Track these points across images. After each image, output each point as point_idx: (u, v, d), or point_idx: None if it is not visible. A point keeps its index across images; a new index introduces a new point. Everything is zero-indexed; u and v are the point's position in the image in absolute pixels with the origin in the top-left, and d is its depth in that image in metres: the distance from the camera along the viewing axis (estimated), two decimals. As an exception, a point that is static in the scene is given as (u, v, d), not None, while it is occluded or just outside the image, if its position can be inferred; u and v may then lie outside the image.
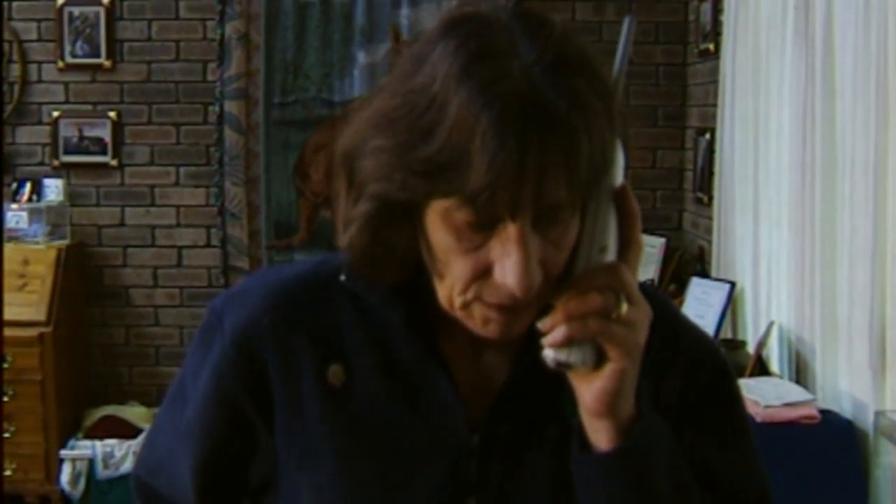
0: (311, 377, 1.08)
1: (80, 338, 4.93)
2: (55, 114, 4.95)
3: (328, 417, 1.08)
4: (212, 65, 4.96)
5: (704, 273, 4.42)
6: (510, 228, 0.92)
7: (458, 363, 1.08)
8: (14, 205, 4.79)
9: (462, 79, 0.89)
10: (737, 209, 4.14)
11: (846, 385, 3.18)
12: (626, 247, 0.99)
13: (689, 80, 4.97)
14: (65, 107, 4.94)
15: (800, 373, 3.51)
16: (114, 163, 4.99)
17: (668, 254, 4.74)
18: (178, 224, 5.05)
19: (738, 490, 1.12)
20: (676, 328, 1.14)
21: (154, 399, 5.03)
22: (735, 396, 1.17)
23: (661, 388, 1.08)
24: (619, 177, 0.99)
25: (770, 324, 3.68)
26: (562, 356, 0.95)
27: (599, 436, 0.99)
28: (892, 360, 2.84)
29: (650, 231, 4.60)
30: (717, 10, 4.44)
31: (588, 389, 0.97)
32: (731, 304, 4.02)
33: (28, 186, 4.89)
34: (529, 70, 0.90)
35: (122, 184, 5.02)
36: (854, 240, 3.06)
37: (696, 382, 1.12)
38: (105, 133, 4.96)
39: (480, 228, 0.94)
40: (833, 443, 3.01)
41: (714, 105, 4.44)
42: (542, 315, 0.97)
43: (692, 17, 4.92)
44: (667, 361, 1.09)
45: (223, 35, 4.93)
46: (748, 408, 1.32)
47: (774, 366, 3.58)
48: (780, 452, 2.37)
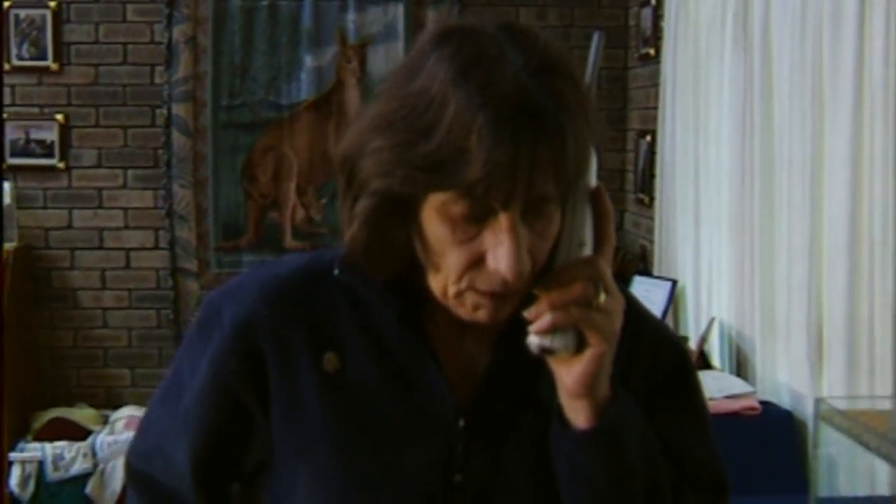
0: (308, 365, 1.15)
1: (29, 340, 4.92)
2: (1, 116, 4.94)
3: (324, 402, 1.15)
4: (159, 68, 4.99)
5: (647, 272, 4.54)
6: (502, 219, 1.01)
7: (444, 352, 1.16)
8: (-40, 207, 4.77)
9: (459, 82, 0.98)
10: (678, 209, 4.24)
11: (785, 377, 3.31)
12: (601, 242, 1.09)
13: (630, 84, 5.09)
14: (11, 109, 4.91)
15: (740, 366, 3.63)
16: (61, 165, 4.99)
17: (611, 253, 4.83)
18: (126, 226, 5.07)
19: (701, 470, 1.21)
20: (640, 318, 1.22)
21: (103, 401, 5.05)
22: (696, 383, 1.26)
23: (629, 374, 1.16)
24: (594, 178, 1.08)
25: (711, 320, 3.79)
26: (546, 342, 1.04)
27: (578, 415, 1.08)
28: (829, 353, 2.96)
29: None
30: (658, 16, 4.54)
31: (568, 373, 1.06)
32: (673, 302, 4.13)
33: (-26, 189, 4.88)
34: (519, 74, 0.98)
35: (70, 186, 5.02)
36: (792, 238, 3.18)
37: (660, 368, 1.21)
38: (52, 135, 4.97)
39: (474, 220, 1.02)
40: (773, 432, 3.14)
41: (655, 108, 4.55)
42: (525, 305, 1.06)
43: (633, 23, 5.03)
44: (633, 349, 1.17)
45: (170, 38, 4.96)
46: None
47: (716, 360, 3.69)
48: (723, 443, 2.47)
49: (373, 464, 1.14)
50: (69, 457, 4.55)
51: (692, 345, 3.79)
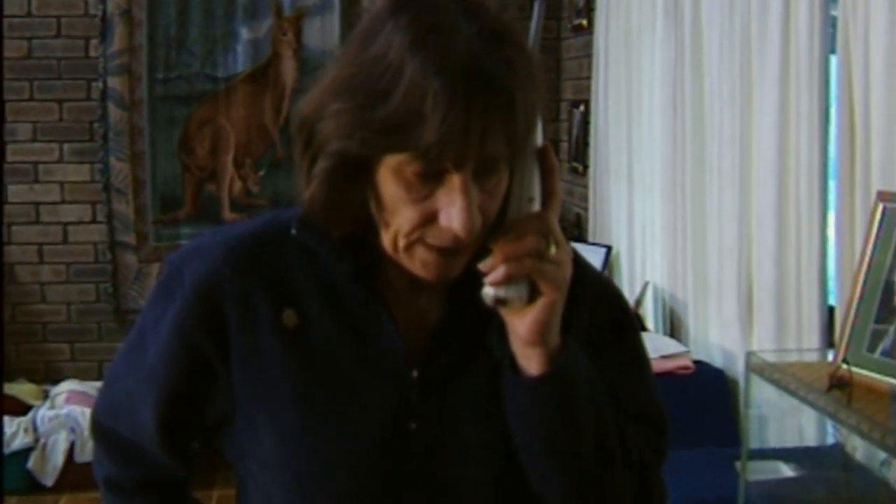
0: (268, 321, 1.21)
1: (-34, 316, 4.89)
2: (-68, 91, 4.88)
3: (284, 356, 1.20)
4: (94, 41, 4.97)
5: (581, 238, 4.63)
6: (455, 179, 1.07)
7: (398, 307, 1.22)
8: None
9: (414, 50, 1.04)
10: (611, 177, 4.33)
11: (717, 337, 3.42)
12: (549, 197, 1.16)
13: (563, 55, 5.16)
14: (-57, 84, 4.88)
15: (674, 328, 3.74)
16: (-5, 140, 4.95)
17: (547, 221, 4.91)
18: (63, 201, 5.05)
19: (645, 411, 1.28)
20: (582, 269, 1.29)
21: (43, 376, 5.03)
22: (635, 329, 1.33)
23: (572, 321, 1.21)
24: (540, 138, 1.15)
25: (645, 284, 3.90)
26: (500, 293, 1.10)
27: (530, 362, 1.14)
28: (759, 313, 3.08)
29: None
30: (590, -12, 4.61)
31: (522, 322, 1.12)
32: (608, 267, 4.23)
33: None
34: (471, 42, 1.04)
35: (5, 161, 4.97)
36: (722, 204, 3.28)
37: (602, 316, 1.28)
38: (-15, 110, 4.92)
39: (428, 180, 1.08)
40: (707, 390, 3.25)
41: (588, 78, 4.63)
42: (478, 259, 1.12)
43: (566, -6, 5.09)
44: (576, 297, 1.22)
45: (105, 11, 4.94)
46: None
47: (650, 322, 3.80)
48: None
49: (329, 414, 1.20)
50: (10, 432, 4.54)
51: (627, 309, 3.87)
